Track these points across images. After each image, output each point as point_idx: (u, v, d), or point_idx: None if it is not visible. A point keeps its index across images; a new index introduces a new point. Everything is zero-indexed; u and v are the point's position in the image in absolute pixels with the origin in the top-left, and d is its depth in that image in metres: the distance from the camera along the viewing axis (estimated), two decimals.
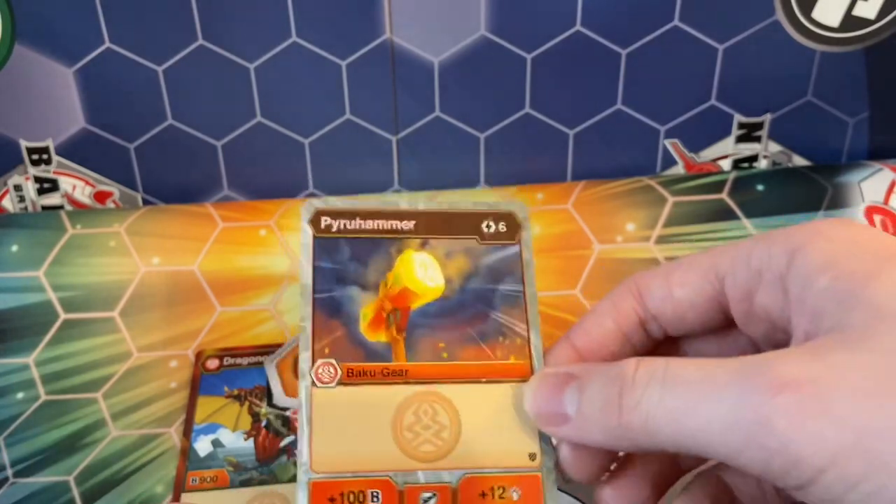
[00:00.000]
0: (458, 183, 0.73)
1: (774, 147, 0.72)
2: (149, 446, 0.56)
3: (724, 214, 0.68)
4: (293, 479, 0.53)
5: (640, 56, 0.68)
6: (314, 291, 0.37)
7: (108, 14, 0.65)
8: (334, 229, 0.38)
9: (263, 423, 0.56)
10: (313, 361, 0.36)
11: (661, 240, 0.67)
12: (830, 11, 0.66)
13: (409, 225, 0.38)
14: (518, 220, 0.39)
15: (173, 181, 0.72)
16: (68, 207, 0.73)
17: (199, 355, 0.61)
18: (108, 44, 0.66)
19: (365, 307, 0.37)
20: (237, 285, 0.65)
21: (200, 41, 0.66)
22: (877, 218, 0.67)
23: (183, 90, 0.68)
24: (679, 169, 0.73)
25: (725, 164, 0.73)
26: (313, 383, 0.35)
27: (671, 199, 0.69)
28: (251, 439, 0.55)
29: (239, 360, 0.60)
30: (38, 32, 0.66)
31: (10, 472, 0.55)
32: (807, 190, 0.69)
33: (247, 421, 0.56)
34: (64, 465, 0.56)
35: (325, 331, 0.36)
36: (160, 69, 0.67)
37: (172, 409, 0.58)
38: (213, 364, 0.60)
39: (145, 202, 0.73)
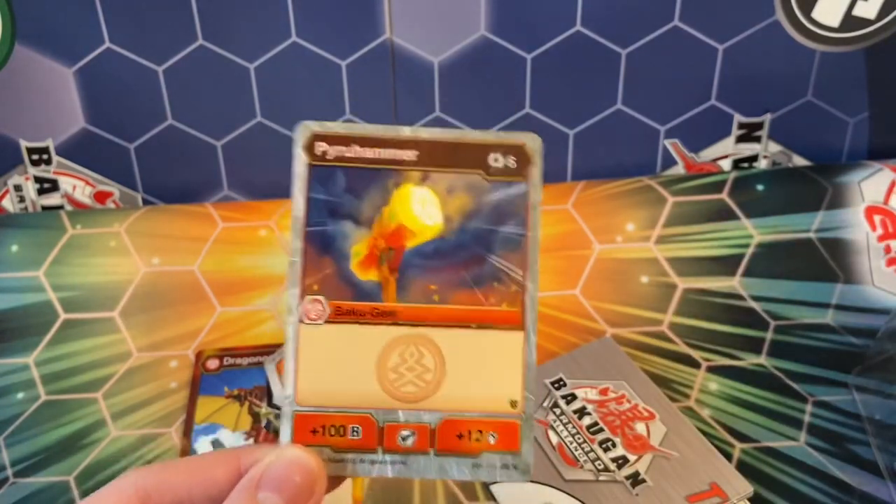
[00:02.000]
0: None
1: (774, 147, 0.72)
2: (149, 446, 0.56)
3: (724, 214, 0.68)
4: None
5: (640, 56, 0.68)
6: (307, 224, 0.36)
7: (108, 14, 0.65)
8: (330, 157, 0.36)
9: (263, 424, 0.56)
10: (301, 297, 0.35)
11: (661, 240, 0.67)
12: (830, 11, 0.66)
13: (410, 155, 0.36)
14: (529, 153, 0.36)
15: (173, 181, 0.72)
16: (68, 207, 0.73)
17: (199, 355, 0.61)
18: (108, 44, 0.66)
19: (357, 244, 0.36)
20: (237, 285, 0.65)
21: (200, 41, 0.66)
22: (877, 218, 0.67)
23: (183, 90, 0.68)
24: (679, 169, 0.73)
25: (725, 164, 0.73)
26: (301, 320, 0.35)
27: (671, 199, 0.69)
28: (251, 439, 0.55)
29: (239, 360, 0.60)
30: (38, 32, 0.66)
31: (10, 472, 0.55)
32: (807, 190, 0.69)
33: (247, 421, 0.56)
34: (64, 465, 0.56)
35: (315, 267, 0.35)
36: (160, 69, 0.67)
37: (172, 409, 0.58)
38: (213, 364, 0.60)
39: (145, 202, 0.73)
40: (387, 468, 0.35)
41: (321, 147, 0.36)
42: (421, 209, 0.36)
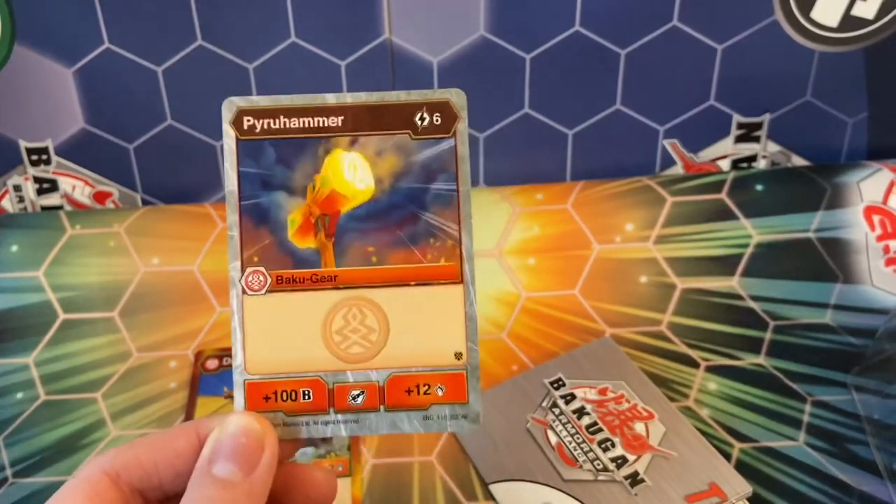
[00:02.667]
0: None
1: (774, 147, 0.72)
2: None
3: (724, 214, 0.68)
4: None
5: (640, 56, 0.68)
6: (240, 198, 0.36)
7: (108, 14, 0.65)
8: (258, 130, 0.36)
9: None
10: (242, 270, 0.36)
11: (661, 240, 0.67)
12: (829, 11, 0.66)
13: (336, 121, 0.36)
14: (454, 109, 0.37)
15: (173, 181, 0.72)
16: (68, 207, 0.73)
17: (198, 355, 0.61)
18: (107, 44, 0.66)
19: (293, 213, 0.36)
20: None
21: (200, 41, 0.66)
22: (875, 218, 0.67)
23: (183, 90, 0.68)
24: (678, 169, 0.73)
25: (724, 164, 0.73)
26: (244, 291, 0.36)
27: (670, 199, 0.69)
28: None
29: None
30: (38, 32, 0.66)
31: (9, 472, 0.55)
32: (806, 190, 0.69)
33: None
34: (64, 465, 0.56)
35: (252, 239, 0.36)
36: (160, 69, 0.67)
37: (172, 409, 0.58)
38: (212, 364, 0.60)
39: (145, 202, 0.73)
40: (340, 427, 0.36)
41: (248, 121, 0.37)
42: (352, 174, 0.37)
